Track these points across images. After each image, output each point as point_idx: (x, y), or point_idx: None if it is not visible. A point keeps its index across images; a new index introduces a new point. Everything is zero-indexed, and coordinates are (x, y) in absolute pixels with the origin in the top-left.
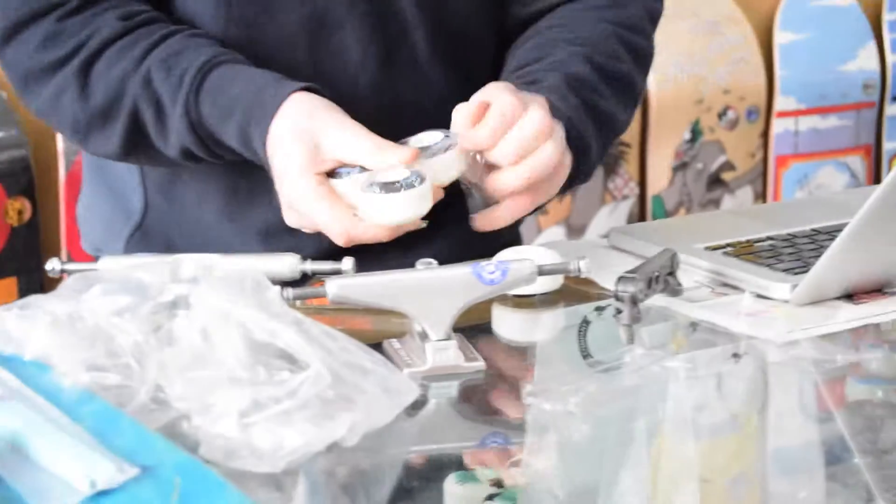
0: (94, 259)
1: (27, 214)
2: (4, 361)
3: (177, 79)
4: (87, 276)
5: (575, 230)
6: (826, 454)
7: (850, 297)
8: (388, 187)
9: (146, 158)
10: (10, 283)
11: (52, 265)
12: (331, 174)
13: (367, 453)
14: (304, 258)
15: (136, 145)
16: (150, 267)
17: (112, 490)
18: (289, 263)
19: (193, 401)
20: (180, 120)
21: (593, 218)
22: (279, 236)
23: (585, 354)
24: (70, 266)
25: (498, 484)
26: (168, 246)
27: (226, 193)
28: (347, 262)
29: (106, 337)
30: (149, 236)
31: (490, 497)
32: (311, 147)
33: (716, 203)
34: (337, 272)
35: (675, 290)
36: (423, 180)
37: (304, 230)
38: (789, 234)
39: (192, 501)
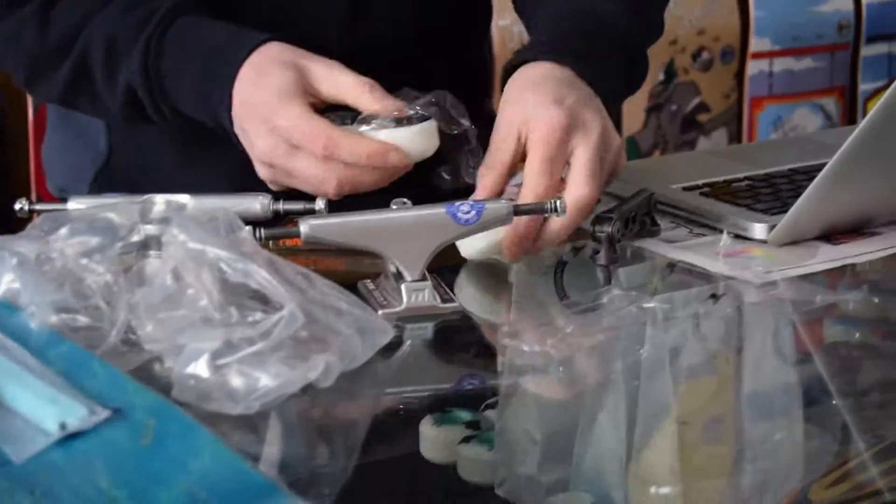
0: (60, 200)
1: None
2: None
3: (142, 17)
4: (56, 217)
5: None
6: (803, 396)
7: (828, 237)
8: (401, 122)
9: (85, 106)
10: None
11: (20, 205)
12: None
13: (342, 395)
14: (277, 198)
15: (79, 91)
16: (119, 207)
17: (83, 432)
18: (261, 203)
19: (165, 342)
20: (137, 57)
21: None
22: (240, 183)
23: (562, 296)
24: (39, 206)
25: (474, 426)
26: (133, 190)
27: (186, 139)
28: (320, 202)
29: (75, 278)
30: (113, 179)
31: (466, 439)
32: (298, 75)
33: (690, 145)
34: (310, 212)
35: (652, 231)
36: (429, 118)
37: (278, 186)
38: (766, 175)
39: (164, 443)
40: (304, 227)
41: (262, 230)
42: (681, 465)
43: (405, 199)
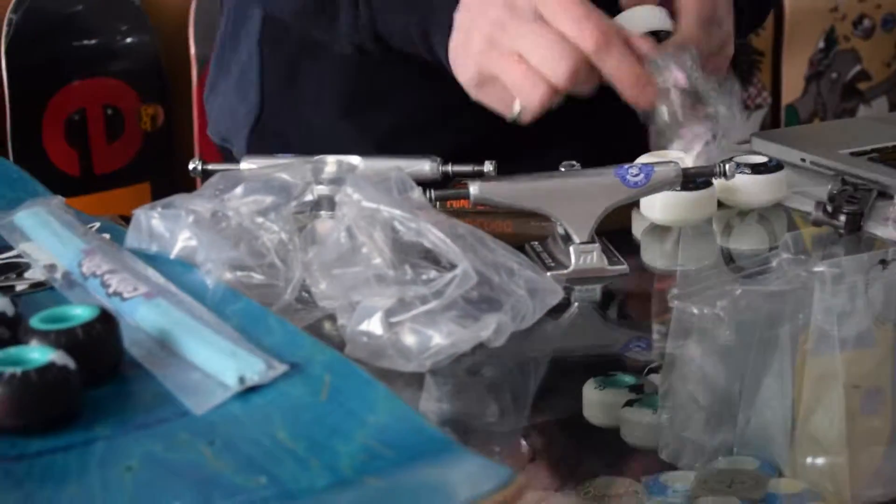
0: (219, 145)
1: (160, 120)
2: (150, 260)
3: None
4: (230, 176)
5: None
6: None
7: None
8: None
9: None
10: (144, 188)
11: (193, 164)
12: None
13: (512, 355)
14: (445, 161)
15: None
16: (292, 167)
17: (261, 386)
18: (430, 164)
19: (339, 299)
20: None
21: None
22: (398, 143)
23: (728, 260)
24: (212, 166)
25: (637, 389)
26: (284, 145)
27: (343, 94)
28: (489, 165)
29: (250, 236)
30: (265, 133)
31: (629, 403)
32: None
33: (851, 113)
34: (479, 174)
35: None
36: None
37: (477, 82)
38: None
39: (341, 398)
40: (474, 188)
41: (433, 191)
42: (847, 431)
43: (573, 162)
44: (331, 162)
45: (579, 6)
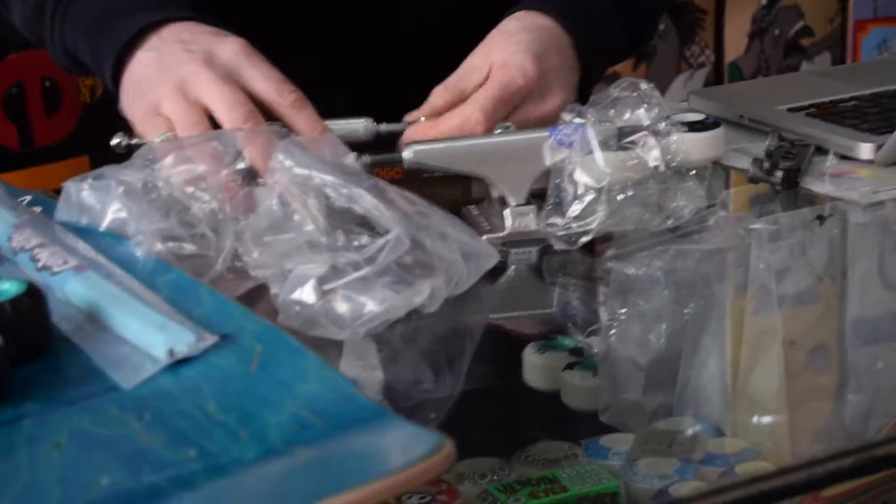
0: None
1: (99, 91)
2: (80, 232)
3: None
4: (160, 146)
5: None
6: None
7: None
8: None
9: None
10: (83, 161)
11: (117, 140)
12: None
13: (447, 320)
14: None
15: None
16: (223, 135)
17: (192, 358)
18: (364, 125)
19: (271, 268)
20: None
21: (669, 86)
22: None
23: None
24: (137, 141)
25: (577, 352)
26: None
27: None
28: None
29: (180, 206)
30: None
31: (570, 366)
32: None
33: (794, 69)
34: (405, 126)
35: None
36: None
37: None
38: (873, 95)
39: (271, 368)
40: (408, 152)
41: (367, 155)
42: (787, 388)
43: (508, 124)
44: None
45: (275, 71)
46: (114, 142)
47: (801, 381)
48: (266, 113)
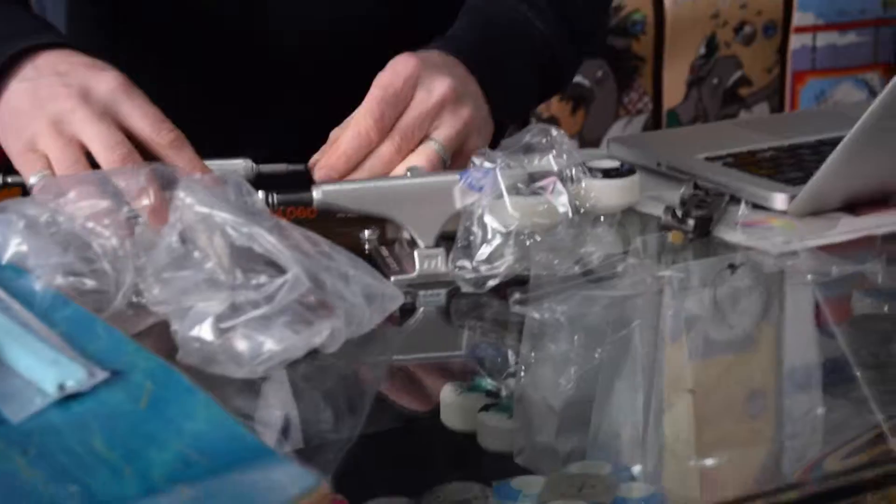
0: None
1: None
2: None
3: None
4: (64, 181)
5: (588, 144)
6: (822, 368)
7: (850, 208)
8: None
9: None
10: (16, 192)
11: None
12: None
13: (350, 360)
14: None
15: None
16: (125, 172)
17: (82, 394)
18: (244, 166)
19: (171, 304)
20: None
21: (607, 132)
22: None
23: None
24: (13, 179)
25: (495, 394)
26: None
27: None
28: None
29: (81, 242)
30: None
31: (486, 407)
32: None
33: (732, 118)
34: (294, 173)
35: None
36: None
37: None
38: (792, 146)
39: (160, 406)
40: (317, 192)
41: (276, 195)
42: (695, 434)
43: (419, 166)
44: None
45: (153, 109)
46: None
47: (713, 425)
48: (144, 151)
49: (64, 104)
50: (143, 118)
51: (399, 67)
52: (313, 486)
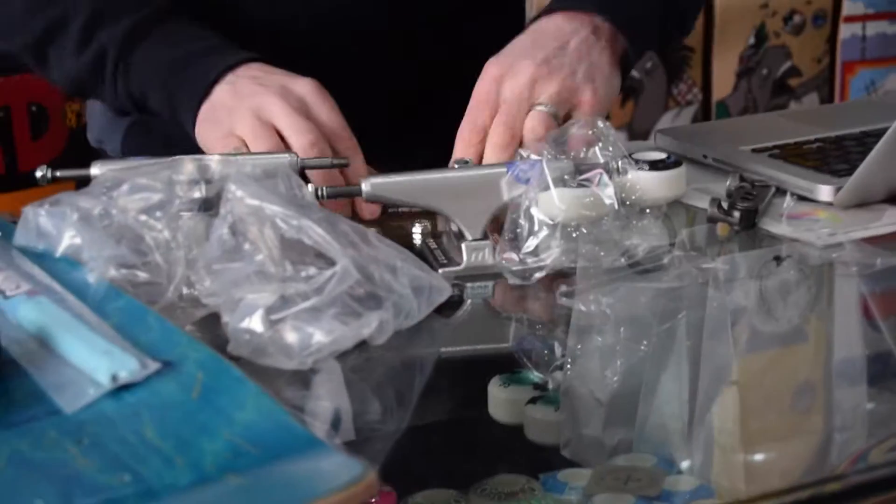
0: (95, 147)
1: (85, 117)
2: (36, 257)
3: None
4: (118, 173)
5: (638, 135)
6: (868, 360)
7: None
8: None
9: (49, 64)
10: (69, 186)
11: (41, 172)
12: None
13: (397, 352)
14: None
15: (48, 43)
16: (175, 164)
17: (134, 384)
18: (289, 160)
19: (222, 296)
20: (121, 31)
21: (656, 123)
22: None
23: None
24: (61, 173)
25: (542, 387)
26: (164, 141)
27: None
28: (344, 158)
29: (133, 234)
30: (146, 130)
31: (533, 400)
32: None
33: (781, 109)
34: (339, 165)
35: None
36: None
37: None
38: (838, 137)
39: (212, 396)
40: (366, 185)
41: (325, 188)
42: (741, 427)
43: (467, 159)
44: (189, 162)
45: (339, 116)
46: (38, 174)
47: (758, 417)
48: None
49: (264, 98)
50: (330, 122)
51: (483, 76)
52: (361, 476)
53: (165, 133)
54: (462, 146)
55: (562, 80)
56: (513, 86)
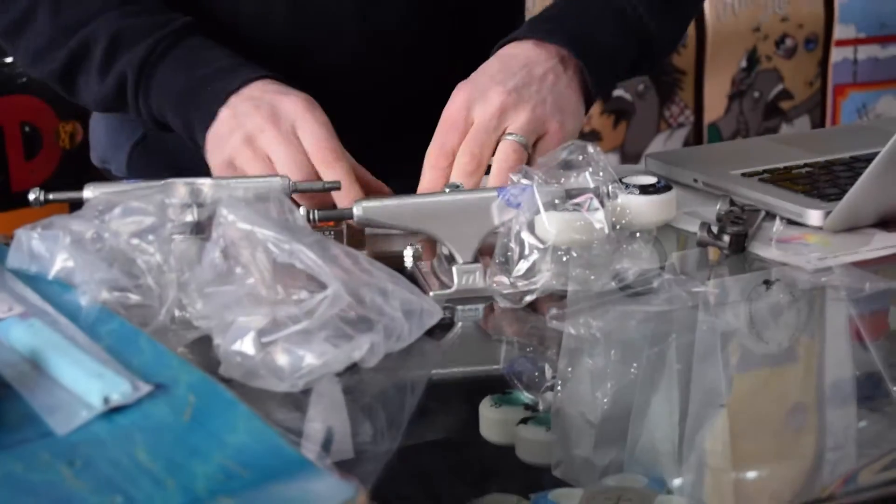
0: (100, 168)
1: (79, 137)
2: (29, 280)
3: (159, 21)
4: (110, 196)
5: (630, 157)
6: (857, 383)
7: (885, 224)
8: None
9: (78, 89)
10: (63, 208)
11: (34, 195)
12: None
13: (389, 374)
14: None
15: (76, 71)
16: (167, 188)
17: (126, 407)
18: (281, 183)
19: (214, 319)
20: (140, 52)
21: (648, 146)
22: None
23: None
24: (53, 195)
25: (533, 408)
26: (169, 161)
27: None
28: (336, 182)
29: (125, 258)
30: (150, 150)
31: (524, 420)
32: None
33: (773, 132)
34: (332, 188)
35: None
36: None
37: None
38: (827, 162)
39: (204, 419)
40: (357, 209)
41: (317, 211)
42: (731, 448)
43: (458, 183)
44: (181, 185)
45: (325, 130)
46: (31, 196)
47: (748, 439)
48: None
49: (255, 122)
50: (311, 137)
51: (452, 99)
52: (352, 498)
53: (170, 152)
54: (429, 170)
55: (531, 109)
56: (482, 112)
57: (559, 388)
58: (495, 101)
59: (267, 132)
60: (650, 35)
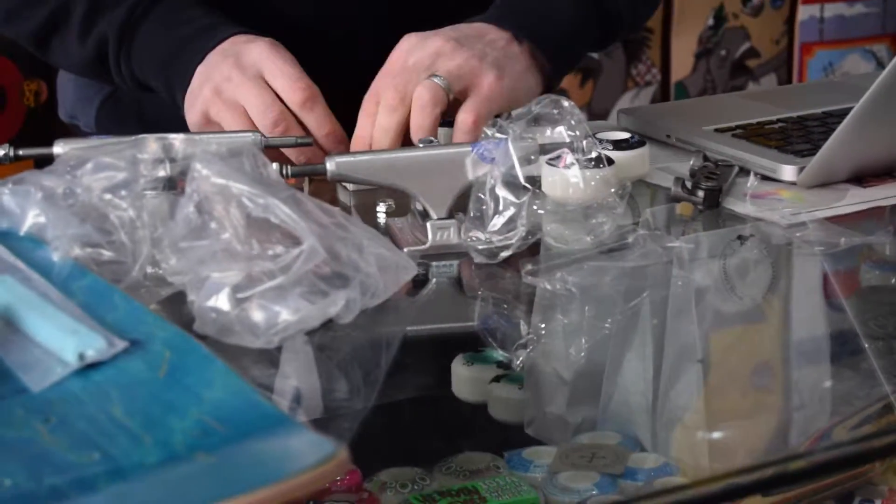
0: (68, 123)
1: (44, 96)
2: (1, 236)
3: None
4: (83, 152)
5: (597, 115)
6: (830, 339)
7: (858, 180)
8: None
9: (54, 51)
10: (28, 164)
11: (3, 151)
12: None
13: (364, 331)
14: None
15: (53, 32)
16: (143, 143)
17: (101, 363)
18: (253, 139)
19: (188, 274)
20: (120, 15)
21: (615, 104)
22: None
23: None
24: (23, 151)
25: (506, 365)
26: (139, 115)
27: None
28: (308, 138)
29: (98, 213)
30: (120, 104)
31: (496, 378)
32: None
33: (740, 90)
34: (304, 144)
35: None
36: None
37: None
38: (800, 117)
39: (179, 375)
40: (331, 163)
41: (289, 167)
42: (705, 405)
43: (432, 138)
44: (152, 140)
45: (293, 69)
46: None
47: (721, 395)
48: None
49: (221, 72)
50: (281, 77)
51: (396, 47)
52: (332, 455)
53: (139, 108)
54: (361, 117)
55: (465, 58)
56: (418, 55)
57: (532, 345)
58: (432, 46)
59: (233, 79)
60: (614, 13)
